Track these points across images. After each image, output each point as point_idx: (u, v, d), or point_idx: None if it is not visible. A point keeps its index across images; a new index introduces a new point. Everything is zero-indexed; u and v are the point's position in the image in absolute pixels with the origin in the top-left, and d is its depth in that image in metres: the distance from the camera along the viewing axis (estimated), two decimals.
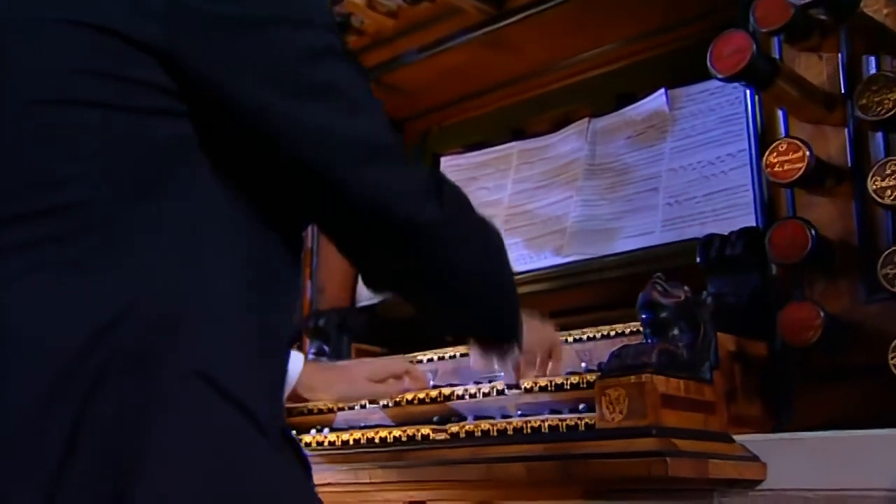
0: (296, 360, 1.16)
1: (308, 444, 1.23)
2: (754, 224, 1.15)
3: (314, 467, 1.16)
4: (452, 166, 1.67)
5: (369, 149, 0.75)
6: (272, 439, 0.73)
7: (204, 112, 0.70)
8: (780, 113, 1.13)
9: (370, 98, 0.77)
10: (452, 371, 1.33)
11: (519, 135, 1.62)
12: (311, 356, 1.49)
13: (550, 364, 1.13)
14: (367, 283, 0.86)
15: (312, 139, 0.73)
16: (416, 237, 0.77)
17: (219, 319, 0.70)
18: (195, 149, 0.71)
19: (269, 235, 0.75)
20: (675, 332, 1.01)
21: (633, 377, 0.92)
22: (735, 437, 1.00)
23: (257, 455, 0.71)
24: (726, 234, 1.15)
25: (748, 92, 1.16)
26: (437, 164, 1.69)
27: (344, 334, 1.49)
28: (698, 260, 1.15)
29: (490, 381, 1.19)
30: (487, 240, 0.87)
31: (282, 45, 0.72)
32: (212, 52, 0.70)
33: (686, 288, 1.03)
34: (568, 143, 1.52)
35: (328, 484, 1.14)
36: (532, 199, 1.51)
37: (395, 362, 1.19)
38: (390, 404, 1.25)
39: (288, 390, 1.13)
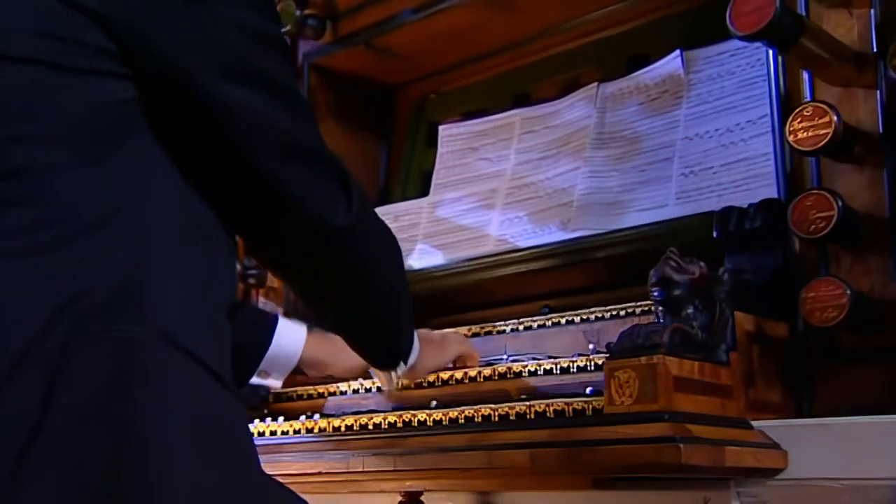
0: (297, 332, 1.15)
1: (297, 431, 1.23)
2: (776, 195, 1.13)
3: (302, 455, 1.19)
4: (451, 136, 1.65)
5: (292, 145, 0.79)
6: (237, 395, 0.78)
7: (143, 78, 0.74)
8: (805, 75, 1.11)
9: (300, 95, 0.83)
10: None
11: (522, 101, 1.60)
12: None
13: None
14: (264, 265, 0.90)
15: (241, 124, 0.77)
16: (324, 238, 0.83)
17: (174, 285, 0.74)
18: (139, 113, 0.74)
19: (208, 202, 0.79)
20: (690, 311, 1.00)
21: (643, 358, 0.91)
22: (754, 423, 0.99)
23: (235, 410, 0.76)
24: (745, 206, 1.13)
25: (770, 52, 1.13)
26: (435, 133, 1.67)
27: None
28: (715, 234, 1.13)
29: (490, 365, 1.18)
30: (386, 243, 0.94)
31: (226, 23, 0.76)
32: (153, 21, 0.73)
33: (702, 264, 1.01)
34: (575, 109, 1.49)
35: (318, 473, 1.14)
36: (536, 171, 1.49)
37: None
38: (384, 388, 1.24)
39: (292, 365, 1.14)
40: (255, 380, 1.17)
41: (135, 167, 0.74)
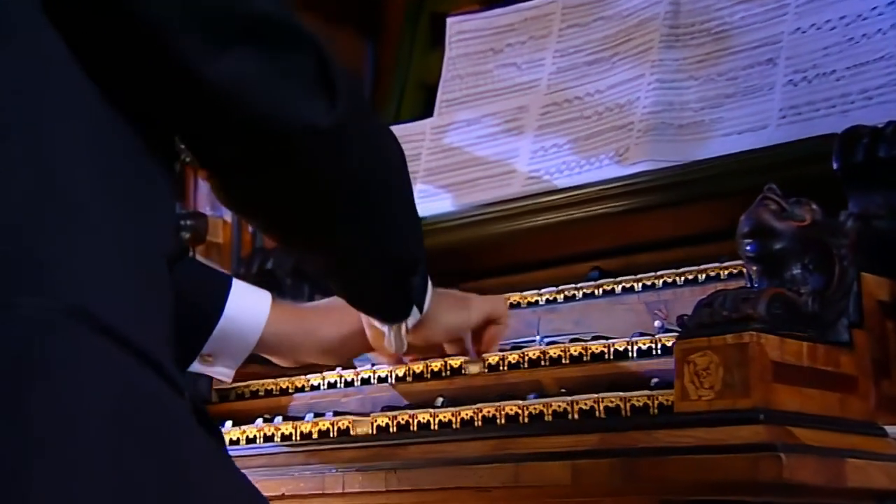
0: (258, 301, 1.13)
1: (252, 440, 1.24)
2: None
3: (260, 472, 1.19)
4: (463, 32, 1.63)
5: (235, 20, 0.77)
6: (184, 394, 0.78)
7: None
8: None
9: None
10: None
11: None
12: None
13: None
14: (224, 202, 0.91)
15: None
16: (294, 147, 0.82)
17: (88, 234, 0.73)
18: (37, 13, 0.74)
19: (135, 130, 0.78)
20: (797, 271, 0.99)
21: (730, 336, 0.91)
22: (888, 428, 0.98)
23: (172, 404, 0.76)
24: (880, 126, 1.12)
25: None
26: (441, 28, 1.66)
27: (303, 282, 1.48)
28: (835, 165, 1.12)
29: (518, 348, 1.18)
30: (389, 156, 0.94)
31: None
32: None
33: (814, 206, 1.01)
34: None
35: (282, 496, 1.15)
36: (583, 80, 1.48)
37: None
38: (374, 380, 1.24)
39: (249, 347, 1.13)
40: (195, 367, 1.17)
41: (26, 75, 0.73)
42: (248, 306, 1.13)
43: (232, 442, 1.26)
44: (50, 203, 0.73)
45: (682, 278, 1.25)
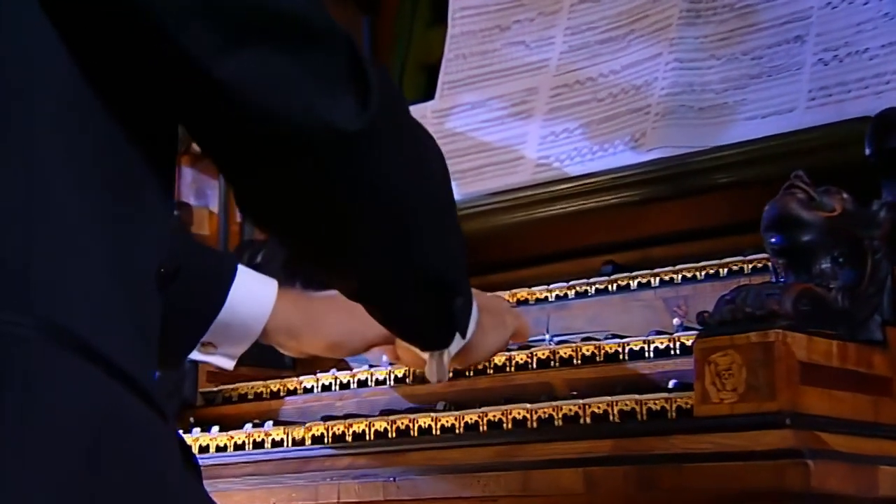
0: (264, 288, 1.14)
1: (241, 447, 1.25)
2: None
3: (249, 481, 1.20)
4: (468, 9, 1.64)
5: (259, 18, 0.77)
6: (168, 419, 0.78)
7: None
8: None
9: None
10: None
11: None
12: None
13: None
14: (243, 210, 0.91)
15: None
16: (322, 152, 0.80)
17: (70, 247, 0.74)
18: (35, 9, 0.74)
19: (127, 138, 0.78)
20: (826, 265, 1.00)
21: (754, 335, 0.91)
22: None
23: (151, 427, 0.76)
24: None
25: None
26: (443, 2, 1.66)
27: (295, 277, 1.48)
28: (868, 151, 1.12)
29: (526, 348, 1.19)
30: (427, 164, 0.91)
31: None
32: None
33: (845, 195, 1.01)
34: None
35: None
36: (596, 60, 1.49)
37: None
38: (371, 383, 1.25)
39: (253, 336, 1.14)
40: (196, 355, 1.17)
41: (20, 76, 0.74)
42: (253, 294, 1.14)
43: (219, 448, 1.27)
44: (41, 218, 0.73)
45: (703, 273, 1.25)
